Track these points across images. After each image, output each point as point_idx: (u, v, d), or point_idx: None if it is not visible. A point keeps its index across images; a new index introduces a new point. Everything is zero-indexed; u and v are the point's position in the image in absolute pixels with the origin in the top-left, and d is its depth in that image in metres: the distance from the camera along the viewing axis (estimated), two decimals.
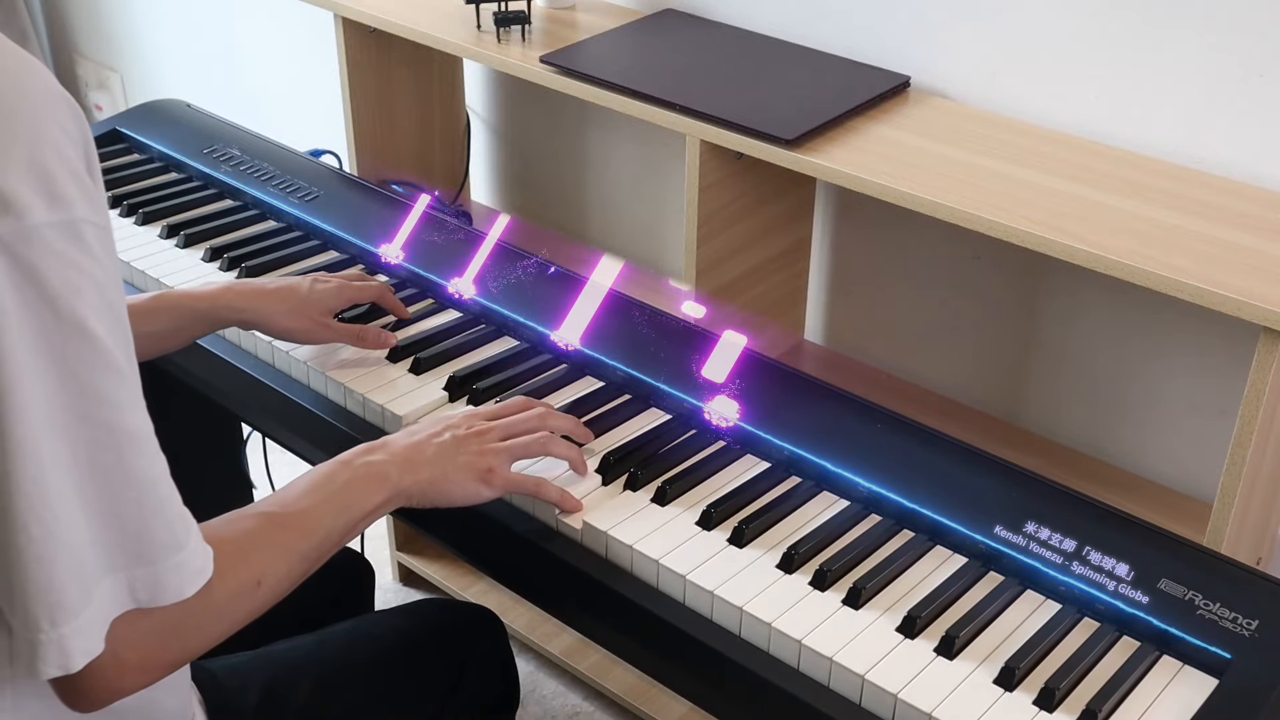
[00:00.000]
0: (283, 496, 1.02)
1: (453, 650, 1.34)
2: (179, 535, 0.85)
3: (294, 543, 0.98)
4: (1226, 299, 1.15)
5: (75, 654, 0.82)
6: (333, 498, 1.03)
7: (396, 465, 1.08)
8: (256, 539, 0.96)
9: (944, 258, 1.65)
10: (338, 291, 1.35)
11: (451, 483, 1.11)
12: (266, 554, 0.96)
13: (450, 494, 1.11)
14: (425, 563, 2.18)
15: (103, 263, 0.79)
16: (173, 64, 2.91)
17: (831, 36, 1.63)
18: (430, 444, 1.11)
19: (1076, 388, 1.59)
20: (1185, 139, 1.40)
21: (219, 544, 0.92)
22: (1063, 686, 0.98)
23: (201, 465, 1.88)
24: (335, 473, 1.05)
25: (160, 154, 1.76)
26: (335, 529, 1.02)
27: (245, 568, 0.93)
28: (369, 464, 1.07)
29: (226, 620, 0.93)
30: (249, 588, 0.94)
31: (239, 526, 0.96)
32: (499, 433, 1.15)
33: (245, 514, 0.98)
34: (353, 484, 1.05)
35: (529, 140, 2.09)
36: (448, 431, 1.14)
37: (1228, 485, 1.21)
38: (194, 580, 0.86)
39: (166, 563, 0.84)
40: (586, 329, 1.36)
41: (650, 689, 1.94)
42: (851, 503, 1.17)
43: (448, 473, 1.10)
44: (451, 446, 1.12)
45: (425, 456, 1.10)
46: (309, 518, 1.00)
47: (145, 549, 0.83)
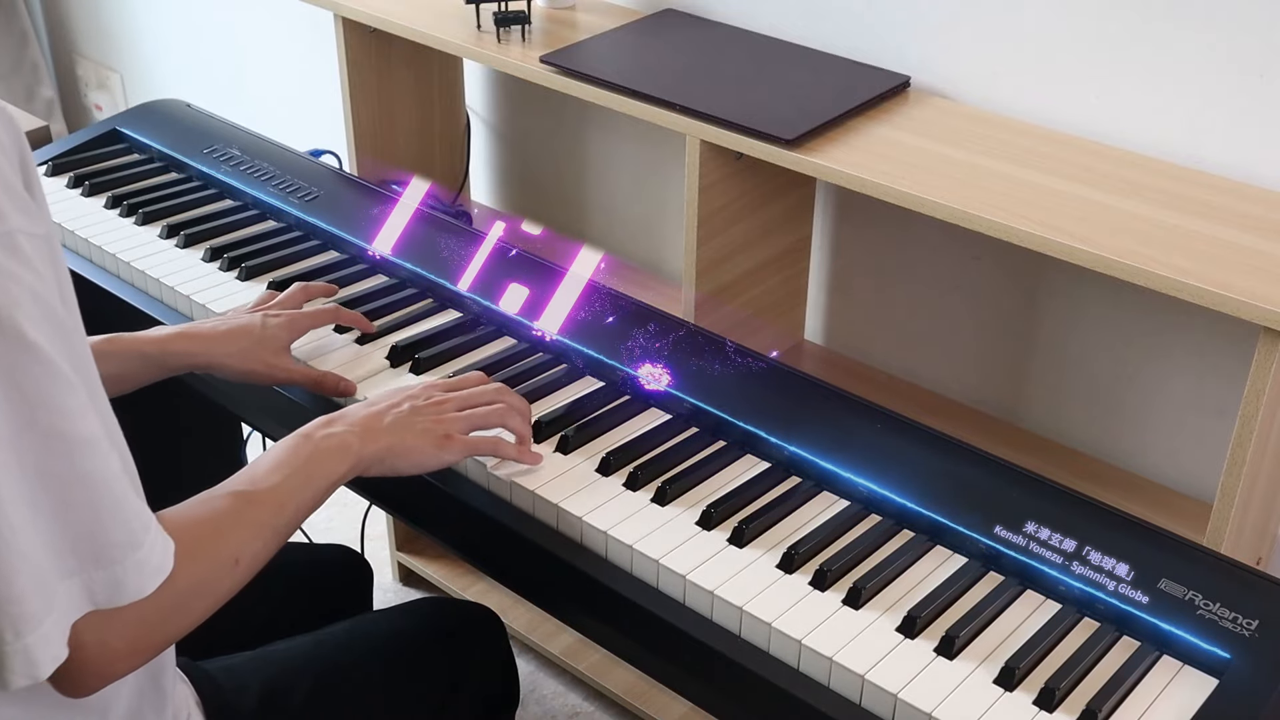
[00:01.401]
0: (251, 474, 1.04)
1: (453, 650, 1.34)
2: (135, 533, 0.85)
3: (267, 519, 1.00)
4: (1226, 299, 1.15)
5: (42, 662, 0.82)
6: (299, 471, 1.05)
7: (356, 434, 1.10)
8: (231, 518, 0.98)
9: (944, 258, 1.65)
10: (289, 325, 1.32)
11: (410, 449, 1.13)
12: (241, 532, 0.98)
13: (409, 460, 1.14)
14: (425, 563, 2.18)
15: (41, 272, 0.79)
16: (173, 64, 2.91)
17: (831, 36, 1.63)
18: (389, 413, 1.14)
19: (1076, 388, 1.59)
20: (1185, 139, 1.40)
21: (195, 525, 0.94)
22: (1063, 686, 0.98)
23: (201, 465, 1.88)
24: (298, 446, 1.07)
25: (160, 154, 1.76)
26: (304, 502, 1.05)
27: (223, 547, 0.96)
28: (330, 435, 1.09)
29: (208, 599, 0.95)
30: (227, 566, 0.96)
31: (212, 507, 0.98)
32: (456, 403, 1.18)
33: (216, 494, 1.00)
34: (316, 456, 1.07)
35: (529, 140, 2.09)
36: (406, 402, 1.16)
37: (1228, 485, 1.21)
38: (154, 577, 0.87)
39: (124, 563, 0.84)
40: (587, 329, 1.36)
41: (650, 689, 1.94)
42: (851, 503, 1.17)
43: (405, 440, 1.13)
44: (409, 415, 1.15)
45: (383, 425, 1.13)
46: (279, 493, 1.02)
47: (101, 550, 0.83)
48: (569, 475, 1.19)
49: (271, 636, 1.30)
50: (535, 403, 1.29)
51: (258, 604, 1.39)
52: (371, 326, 1.40)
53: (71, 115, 3.31)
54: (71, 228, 1.59)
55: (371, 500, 1.53)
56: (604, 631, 1.16)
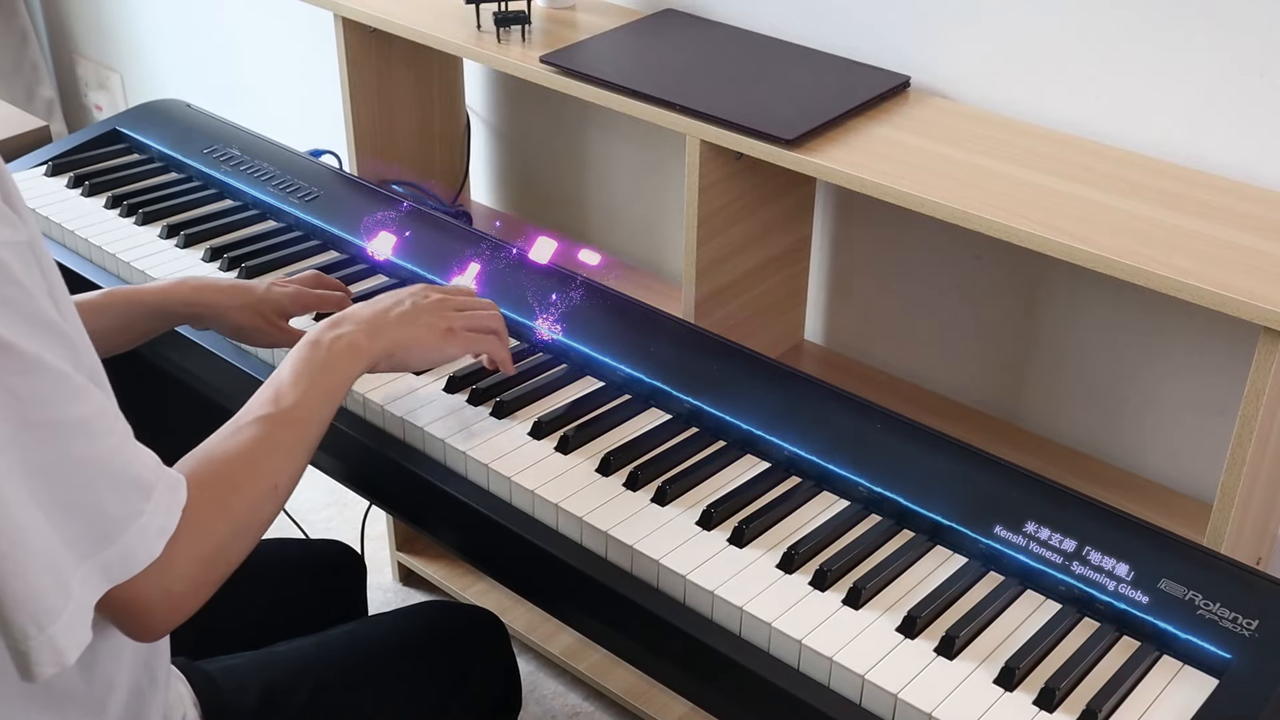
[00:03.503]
0: (273, 392, 1.04)
1: (455, 654, 1.34)
2: (134, 502, 0.86)
3: (296, 438, 1.02)
4: (1226, 299, 1.15)
5: (68, 649, 0.83)
6: (317, 382, 1.06)
7: (365, 333, 1.12)
8: (264, 445, 0.99)
9: (944, 258, 1.65)
10: (295, 297, 1.33)
11: (418, 341, 1.17)
12: (276, 457, 0.99)
13: (417, 354, 1.17)
14: (425, 563, 2.18)
15: (21, 281, 0.80)
16: (173, 64, 2.91)
17: (831, 36, 1.63)
18: (393, 309, 1.17)
19: (1076, 388, 1.59)
20: (1185, 139, 1.40)
21: (231, 460, 0.96)
22: (1063, 686, 0.98)
23: None
24: (311, 356, 1.08)
25: (160, 154, 1.76)
26: (326, 411, 1.07)
27: (261, 475, 0.97)
28: (340, 336, 1.11)
29: (255, 528, 0.97)
30: (267, 494, 0.98)
31: (244, 436, 0.99)
32: (455, 303, 1.22)
33: (246, 421, 1.01)
34: (331, 362, 1.08)
35: (529, 140, 2.09)
36: (408, 299, 1.19)
37: (1228, 485, 1.21)
38: (159, 538, 0.87)
39: (128, 532, 0.85)
40: (587, 329, 1.36)
41: (650, 689, 1.94)
42: (851, 503, 1.17)
43: (410, 333, 1.16)
44: (412, 312, 1.18)
45: (389, 320, 1.16)
46: (302, 409, 1.03)
47: (106, 527, 0.84)
48: (569, 475, 1.19)
49: (266, 631, 1.30)
50: (535, 403, 1.30)
51: (252, 599, 1.39)
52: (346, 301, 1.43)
53: (71, 115, 3.31)
54: (71, 228, 1.59)
55: (371, 500, 1.53)
56: (604, 631, 1.16)
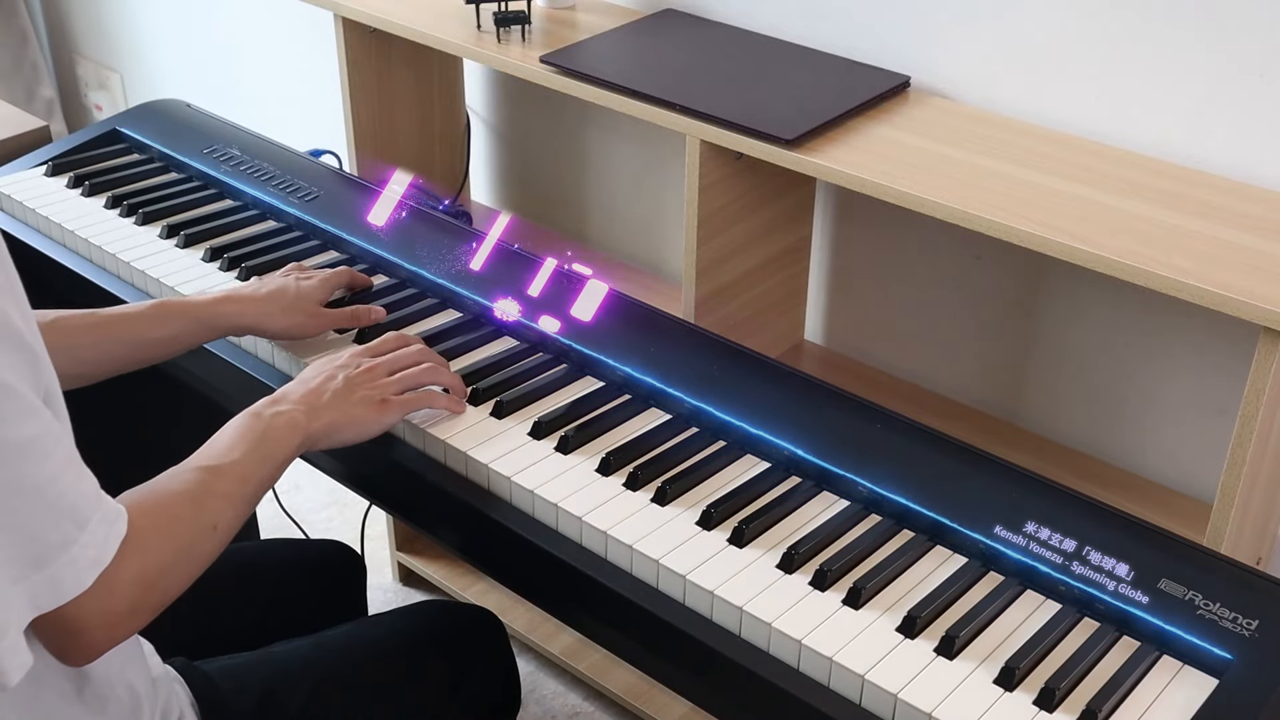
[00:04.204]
0: (213, 450, 1.08)
1: (454, 654, 1.34)
2: (67, 531, 0.86)
3: (234, 490, 1.05)
4: (1226, 299, 1.15)
5: (9, 671, 0.84)
6: (255, 448, 1.09)
7: (303, 413, 1.15)
8: (203, 489, 1.02)
9: (944, 258, 1.65)
10: (322, 284, 1.39)
11: (353, 420, 1.19)
12: (215, 502, 1.03)
13: (354, 430, 1.19)
14: (425, 563, 2.18)
15: None
16: (173, 64, 2.91)
17: (831, 36, 1.63)
18: (327, 389, 1.19)
19: (1076, 388, 1.59)
20: (1185, 139, 1.40)
21: (171, 498, 0.99)
22: (1063, 686, 0.98)
23: None
24: (251, 426, 1.11)
25: (160, 154, 1.76)
26: (263, 476, 1.09)
27: (202, 515, 1.01)
28: (279, 413, 1.14)
29: (194, 563, 1.00)
30: (207, 532, 1.01)
31: (184, 479, 1.02)
32: (386, 368, 1.24)
33: (185, 469, 1.04)
34: (270, 434, 1.11)
35: (529, 140, 2.09)
36: (339, 374, 1.21)
37: (1228, 485, 1.21)
38: (90, 569, 0.88)
39: (58, 561, 0.86)
40: (587, 329, 1.36)
41: (650, 689, 1.94)
42: (851, 503, 1.17)
43: (346, 412, 1.18)
44: (345, 388, 1.20)
45: (324, 401, 1.18)
46: (241, 467, 1.07)
47: (38, 553, 0.85)
48: (569, 475, 1.19)
49: (266, 633, 1.30)
50: (535, 402, 1.30)
51: (251, 600, 1.40)
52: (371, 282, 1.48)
53: (71, 115, 3.31)
54: (71, 228, 1.59)
55: (371, 500, 1.53)
56: (604, 631, 1.16)
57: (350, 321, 1.38)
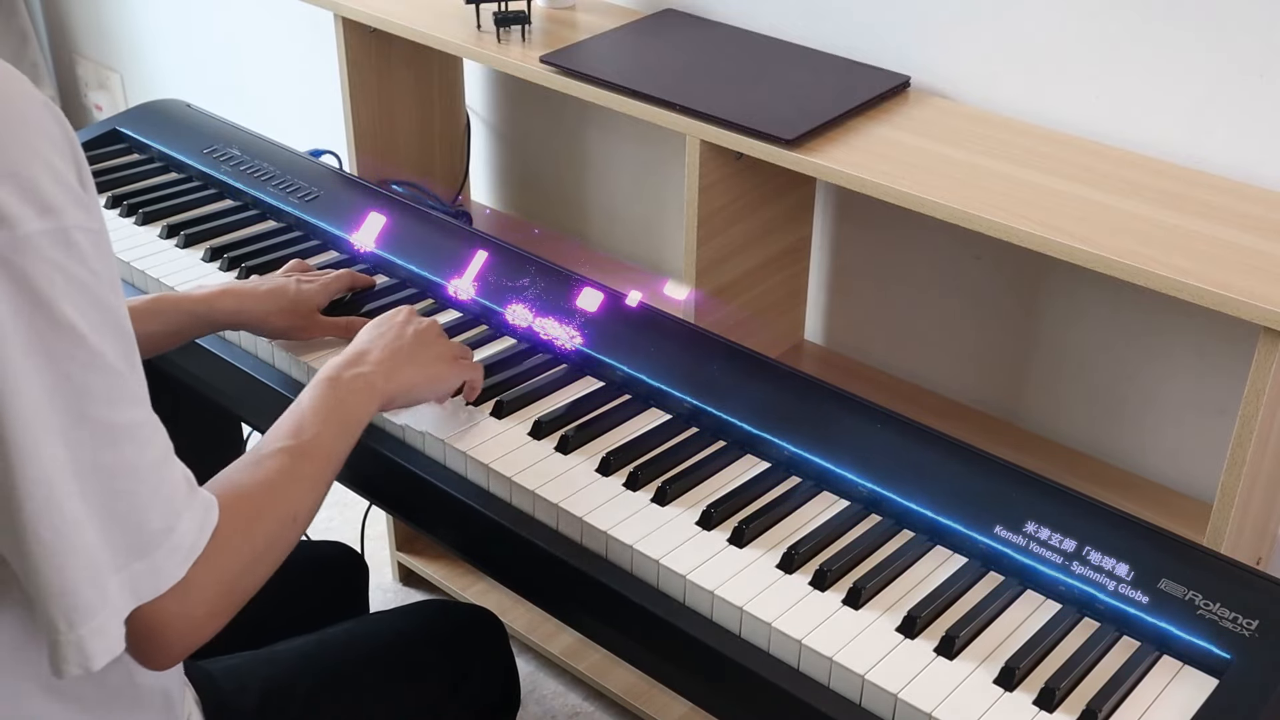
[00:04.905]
0: (293, 426, 1.05)
1: (453, 653, 1.34)
2: (169, 517, 0.86)
3: (316, 472, 1.03)
4: (1226, 299, 1.15)
5: (96, 655, 0.83)
6: (334, 418, 1.07)
7: (381, 374, 1.14)
8: (286, 476, 1.00)
9: (944, 258, 1.65)
10: (323, 289, 1.38)
11: (435, 376, 1.21)
12: (296, 488, 1.00)
13: (430, 388, 1.20)
14: (425, 563, 2.18)
15: (94, 267, 0.80)
16: (173, 64, 2.91)
17: (831, 36, 1.63)
18: (402, 348, 1.19)
19: (1076, 388, 1.59)
20: (1185, 139, 1.40)
21: (255, 489, 0.96)
22: (1063, 686, 0.98)
23: (202, 465, 1.88)
24: (329, 393, 1.09)
25: (160, 154, 1.76)
26: (343, 448, 1.07)
27: (282, 505, 0.98)
28: (358, 375, 1.12)
29: (274, 556, 0.97)
30: (287, 524, 0.98)
31: (267, 467, 0.99)
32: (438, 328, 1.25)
33: (266, 453, 1.01)
34: (348, 400, 1.10)
35: (529, 140, 2.09)
36: (409, 329, 1.21)
37: (1228, 485, 1.21)
38: (184, 561, 0.87)
39: (161, 549, 0.85)
40: (587, 329, 1.36)
41: (650, 689, 1.94)
42: (851, 503, 1.17)
43: (426, 367, 1.20)
44: (418, 343, 1.20)
45: (401, 359, 1.17)
46: (321, 444, 1.04)
47: (143, 540, 0.84)
48: (569, 475, 1.19)
49: (268, 634, 1.30)
50: (535, 403, 1.30)
51: (254, 599, 1.39)
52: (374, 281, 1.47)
53: (71, 115, 3.31)
54: None
55: (371, 500, 1.53)
56: (604, 631, 1.16)
57: (345, 332, 1.36)
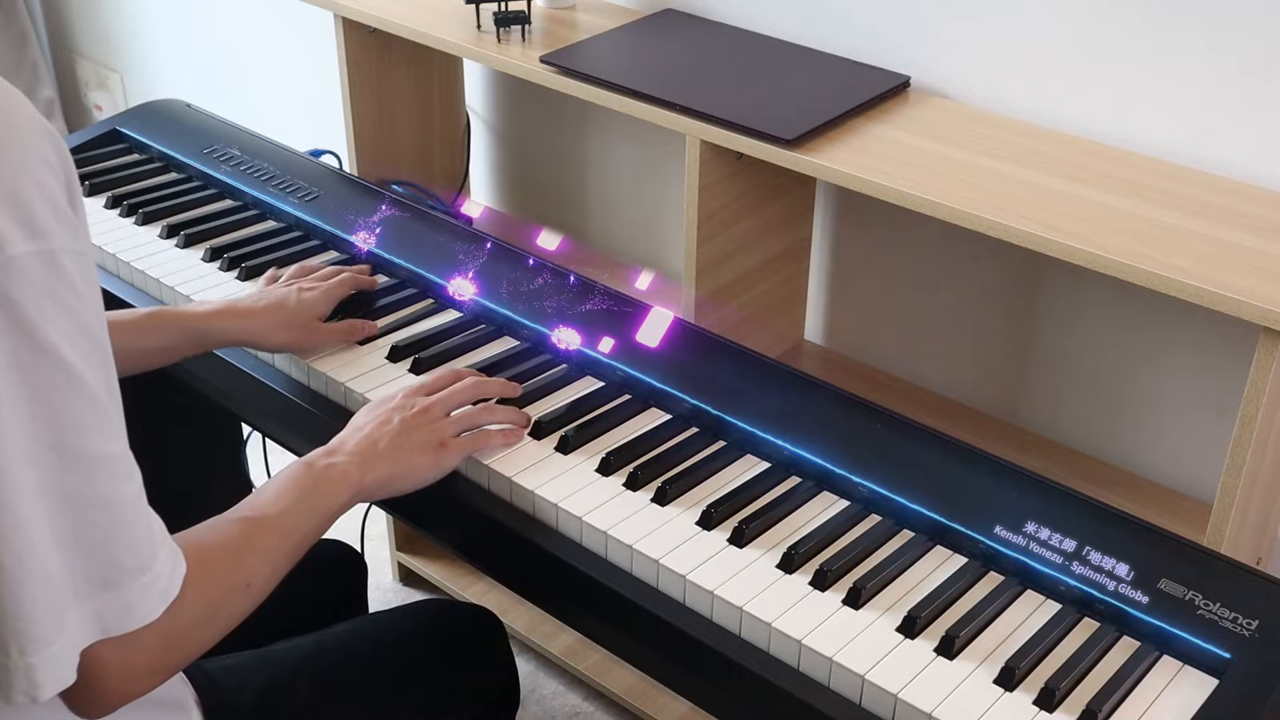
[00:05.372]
0: (257, 502, 1.05)
1: (453, 652, 1.34)
2: (144, 557, 0.85)
3: (275, 545, 1.02)
4: (1226, 299, 1.15)
5: (44, 684, 0.82)
6: (303, 500, 1.06)
7: (357, 465, 1.12)
8: (242, 544, 0.99)
9: (944, 258, 1.65)
10: (325, 296, 1.37)
11: (411, 469, 1.15)
12: (253, 558, 0.99)
13: (412, 479, 1.16)
14: (425, 563, 2.18)
15: (80, 291, 0.79)
16: (173, 64, 2.91)
17: (831, 36, 1.63)
18: (383, 436, 1.15)
19: (1076, 388, 1.59)
20: (1185, 139, 1.40)
21: (210, 550, 0.95)
22: (1063, 686, 0.98)
23: (202, 465, 1.88)
24: (302, 476, 1.08)
25: (160, 154, 1.76)
26: (309, 529, 1.06)
27: (237, 571, 0.97)
28: (332, 465, 1.11)
29: (223, 622, 0.96)
30: (240, 590, 0.97)
31: (224, 532, 0.99)
32: (442, 407, 1.20)
33: (227, 520, 1.01)
34: (320, 487, 1.08)
35: (529, 140, 2.09)
36: (395, 416, 1.17)
37: (1228, 485, 1.21)
38: (160, 601, 0.86)
39: (132, 585, 0.84)
40: (587, 329, 1.35)
41: (650, 689, 1.94)
42: (851, 503, 1.17)
43: (404, 460, 1.15)
44: (402, 433, 1.16)
45: (380, 450, 1.14)
46: (285, 521, 1.04)
47: (112, 574, 0.83)
48: (569, 475, 1.19)
49: (267, 631, 1.29)
50: (535, 403, 1.30)
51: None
52: (376, 282, 1.46)
53: (71, 115, 3.31)
54: None
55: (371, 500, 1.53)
56: (604, 631, 1.16)
57: (346, 336, 1.36)
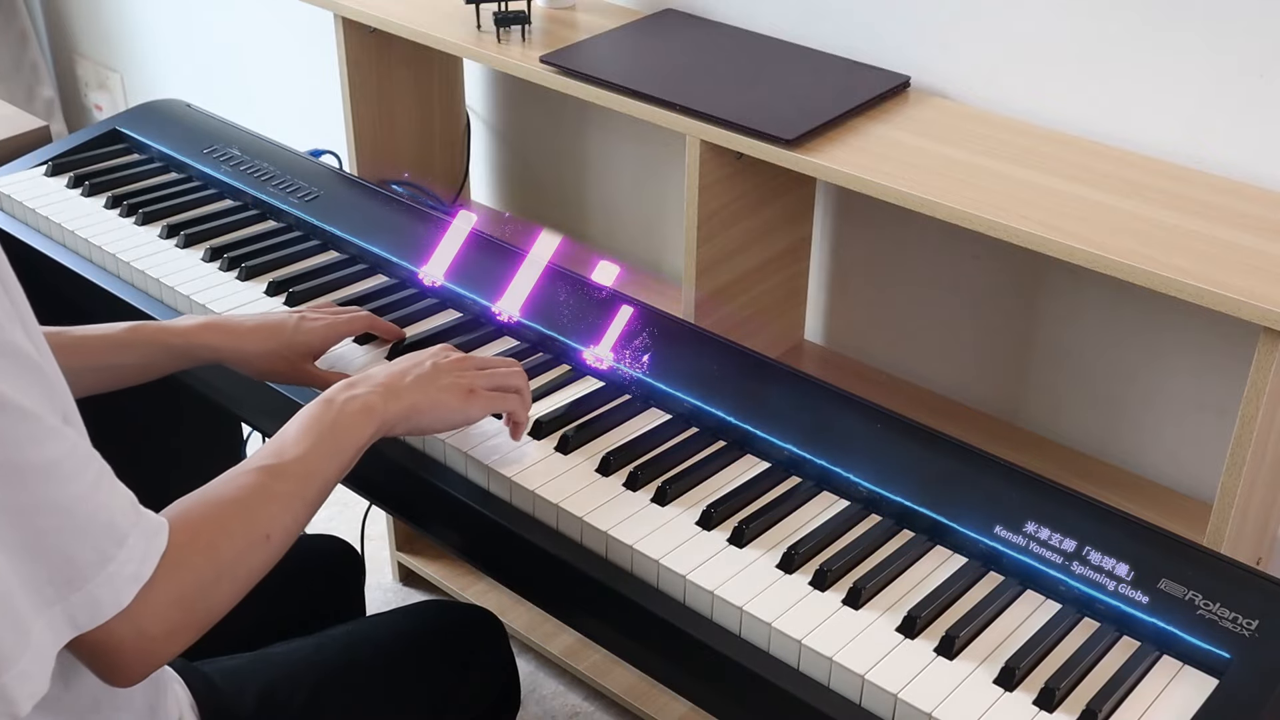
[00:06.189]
0: (277, 445, 1.02)
1: (453, 653, 1.34)
2: (105, 549, 0.84)
3: (295, 489, 0.99)
4: (1226, 299, 1.15)
5: (20, 700, 0.81)
6: (324, 439, 1.03)
7: (380, 395, 1.09)
8: (259, 493, 0.97)
9: (944, 258, 1.65)
10: (326, 330, 1.29)
11: (435, 404, 1.12)
12: (270, 507, 0.97)
13: (435, 415, 1.13)
14: (425, 563, 2.18)
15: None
16: (173, 64, 2.91)
17: (831, 36, 1.63)
18: (411, 371, 1.13)
19: (1076, 388, 1.59)
20: (1185, 139, 1.40)
21: (222, 505, 0.94)
22: (1063, 686, 0.98)
23: (202, 465, 1.88)
24: (322, 413, 1.05)
25: (160, 154, 1.76)
26: (331, 469, 1.03)
27: (253, 524, 0.95)
28: (354, 398, 1.07)
29: (243, 576, 0.95)
30: (259, 542, 0.95)
31: (239, 484, 0.97)
32: (475, 361, 1.18)
33: (244, 470, 0.99)
34: (341, 421, 1.05)
35: (529, 140, 2.09)
36: (428, 360, 1.16)
37: (1228, 485, 1.21)
38: (130, 585, 0.85)
39: (95, 579, 0.83)
40: (586, 329, 1.35)
41: (650, 689, 1.94)
42: (851, 503, 1.17)
43: (430, 395, 1.12)
44: (431, 373, 1.14)
45: (406, 383, 1.11)
46: (305, 463, 1.01)
47: (74, 574, 0.82)
48: (569, 475, 1.19)
49: (265, 631, 1.29)
50: (535, 403, 1.29)
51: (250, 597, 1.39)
52: (403, 334, 1.38)
53: (71, 115, 3.31)
54: (71, 228, 1.59)
55: (371, 500, 1.53)
56: (604, 631, 1.16)
57: None
